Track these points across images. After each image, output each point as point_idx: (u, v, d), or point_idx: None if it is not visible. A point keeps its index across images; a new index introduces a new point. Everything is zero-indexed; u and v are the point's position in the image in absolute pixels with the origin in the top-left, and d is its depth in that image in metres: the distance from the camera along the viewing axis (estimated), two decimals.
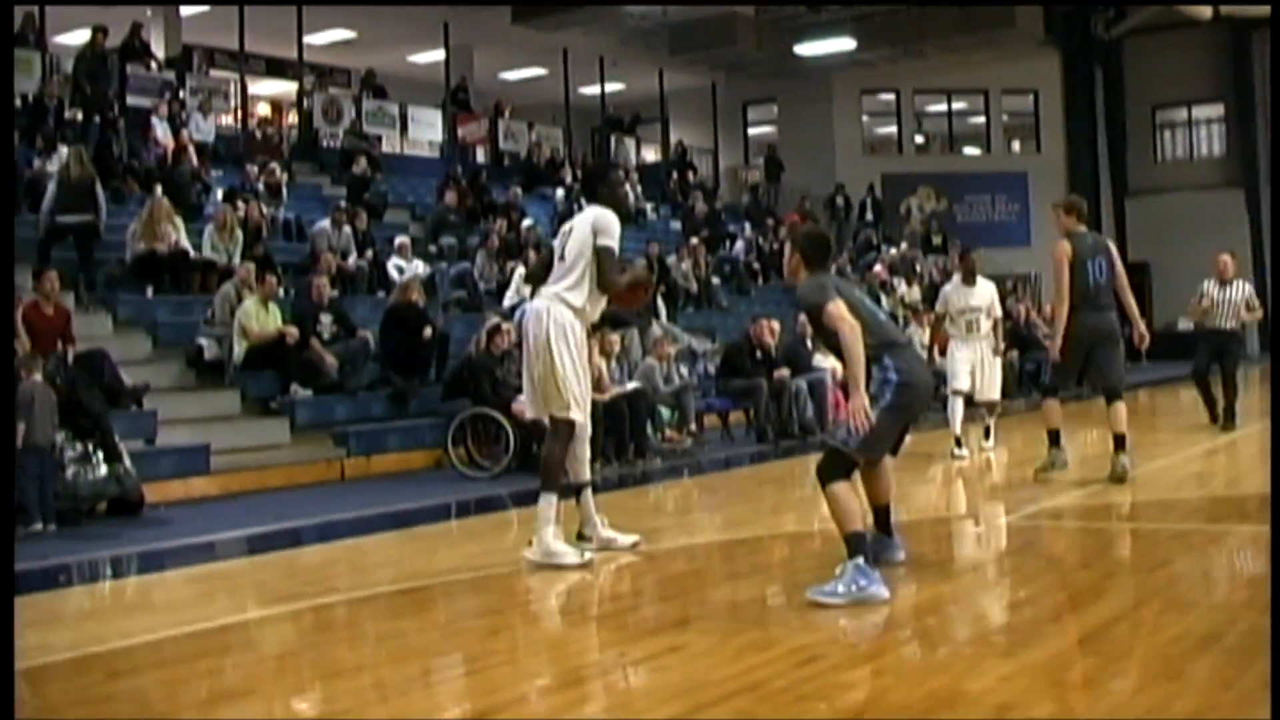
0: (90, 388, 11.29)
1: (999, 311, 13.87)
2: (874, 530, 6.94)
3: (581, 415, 7.82)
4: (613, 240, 7.73)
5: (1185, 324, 14.58)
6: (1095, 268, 10.40)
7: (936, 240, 31.90)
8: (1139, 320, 10.96)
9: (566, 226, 8.04)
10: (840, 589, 6.19)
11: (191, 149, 19.92)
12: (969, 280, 13.64)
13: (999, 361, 13.86)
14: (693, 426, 15.53)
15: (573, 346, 7.69)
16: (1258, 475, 11.68)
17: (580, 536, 8.02)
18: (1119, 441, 10.43)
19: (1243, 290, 14.75)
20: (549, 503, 7.59)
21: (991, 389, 13.72)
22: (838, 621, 5.96)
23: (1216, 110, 35.92)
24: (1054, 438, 10.88)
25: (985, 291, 13.60)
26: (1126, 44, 35.09)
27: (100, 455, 10.83)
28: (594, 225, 7.75)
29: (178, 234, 16.13)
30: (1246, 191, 34.45)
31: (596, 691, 5.20)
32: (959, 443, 13.37)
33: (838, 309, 6.49)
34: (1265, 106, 34.39)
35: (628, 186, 25.00)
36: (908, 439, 7.09)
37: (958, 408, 13.52)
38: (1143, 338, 11.01)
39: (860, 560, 6.25)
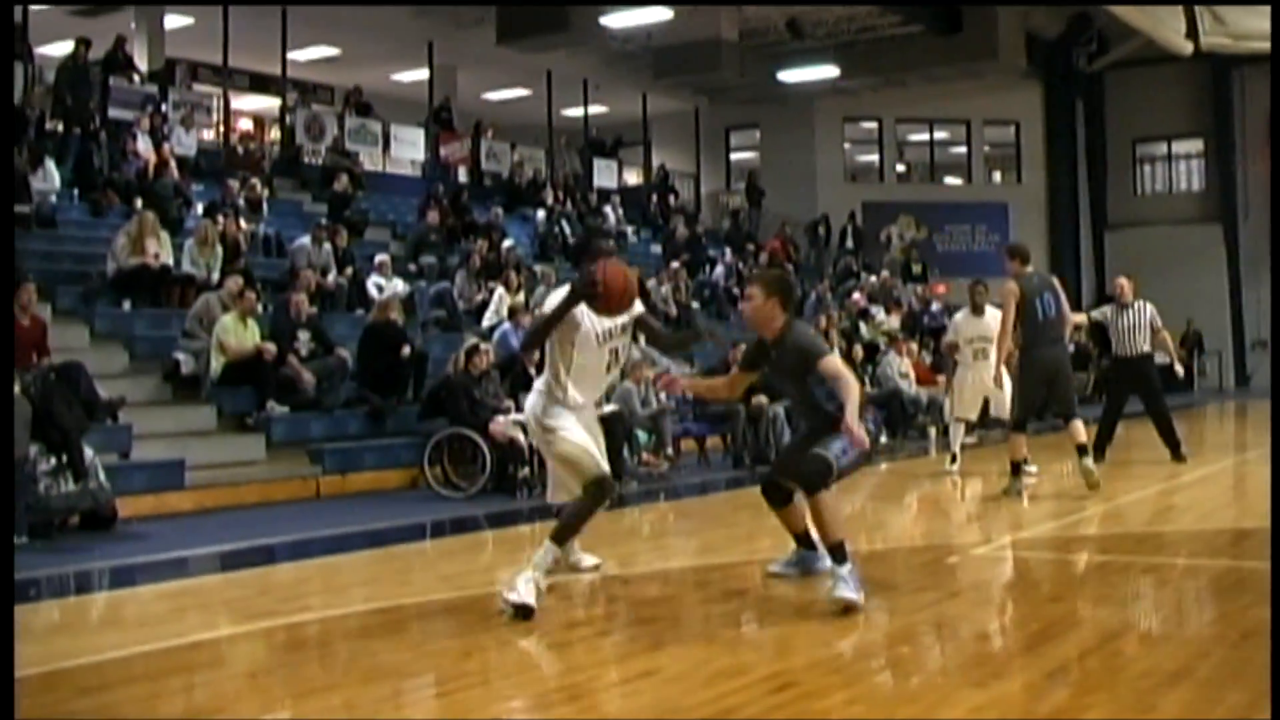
0: (66, 402, 11.19)
1: None
2: (799, 549, 7.64)
3: (606, 465, 7.20)
4: (548, 306, 7.06)
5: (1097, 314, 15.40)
6: (1044, 304, 11.58)
7: (916, 269, 32.03)
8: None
9: None
10: (856, 586, 6.62)
11: (173, 163, 19.90)
12: (978, 311, 14.40)
13: (1008, 382, 14.14)
14: (669, 451, 15.56)
15: (564, 420, 7.05)
16: (1230, 510, 11.76)
17: None
18: (1081, 450, 11.55)
19: (1145, 312, 14.54)
20: (553, 554, 6.97)
21: (1004, 408, 14.02)
22: (811, 649, 5.97)
23: (1196, 145, 36.20)
24: (1015, 469, 11.84)
25: (993, 321, 13.96)
26: (1108, 77, 35.38)
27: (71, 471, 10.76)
28: None
29: (161, 250, 16.10)
30: (1224, 226, 34.71)
31: (568, 715, 5.17)
32: (954, 459, 14.47)
33: (837, 360, 7.06)
34: (1244, 143, 34.66)
35: (607, 263, 25.05)
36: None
37: (959, 431, 14.74)
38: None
39: (849, 566, 6.70)
